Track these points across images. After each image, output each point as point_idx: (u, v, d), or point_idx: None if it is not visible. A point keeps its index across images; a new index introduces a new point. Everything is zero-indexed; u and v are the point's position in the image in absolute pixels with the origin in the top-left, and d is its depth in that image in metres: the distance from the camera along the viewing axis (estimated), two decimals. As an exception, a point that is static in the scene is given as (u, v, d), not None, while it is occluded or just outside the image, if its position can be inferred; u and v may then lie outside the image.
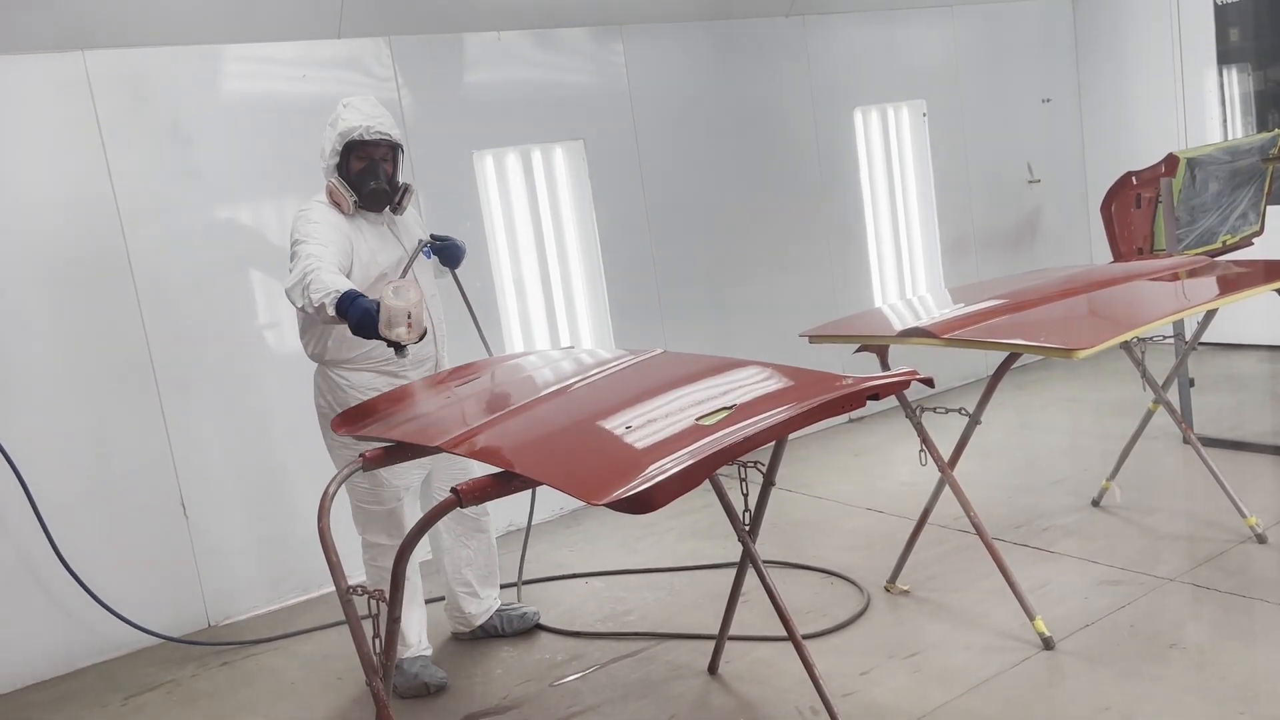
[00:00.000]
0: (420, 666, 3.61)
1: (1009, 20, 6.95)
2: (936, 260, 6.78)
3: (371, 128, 3.39)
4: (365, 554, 3.63)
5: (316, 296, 3.07)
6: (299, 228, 3.33)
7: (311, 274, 3.11)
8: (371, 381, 3.46)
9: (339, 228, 3.37)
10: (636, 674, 3.52)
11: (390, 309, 2.91)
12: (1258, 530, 3.87)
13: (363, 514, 3.58)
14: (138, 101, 4.23)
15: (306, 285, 3.10)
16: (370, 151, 3.42)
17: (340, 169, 3.42)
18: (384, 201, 3.49)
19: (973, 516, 3.46)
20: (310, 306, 3.10)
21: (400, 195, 3.53)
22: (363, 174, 3.42)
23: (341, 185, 3.41)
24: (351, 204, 3.41)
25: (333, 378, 3.49)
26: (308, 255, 3.19)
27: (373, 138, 3.39)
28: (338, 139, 3.39)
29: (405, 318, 2.91)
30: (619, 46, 5.44)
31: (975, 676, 3.19)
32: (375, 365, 3.47)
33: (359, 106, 3.44)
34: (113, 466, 4.23)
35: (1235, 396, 5.74)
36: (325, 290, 3.06)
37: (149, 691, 3.90)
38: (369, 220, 3.50)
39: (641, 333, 5.49)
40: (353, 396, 3.45)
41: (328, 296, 3.04)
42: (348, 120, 3.39)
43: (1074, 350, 3.01)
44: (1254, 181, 4.99)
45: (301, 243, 3.26)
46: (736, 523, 3.02)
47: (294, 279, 3.16)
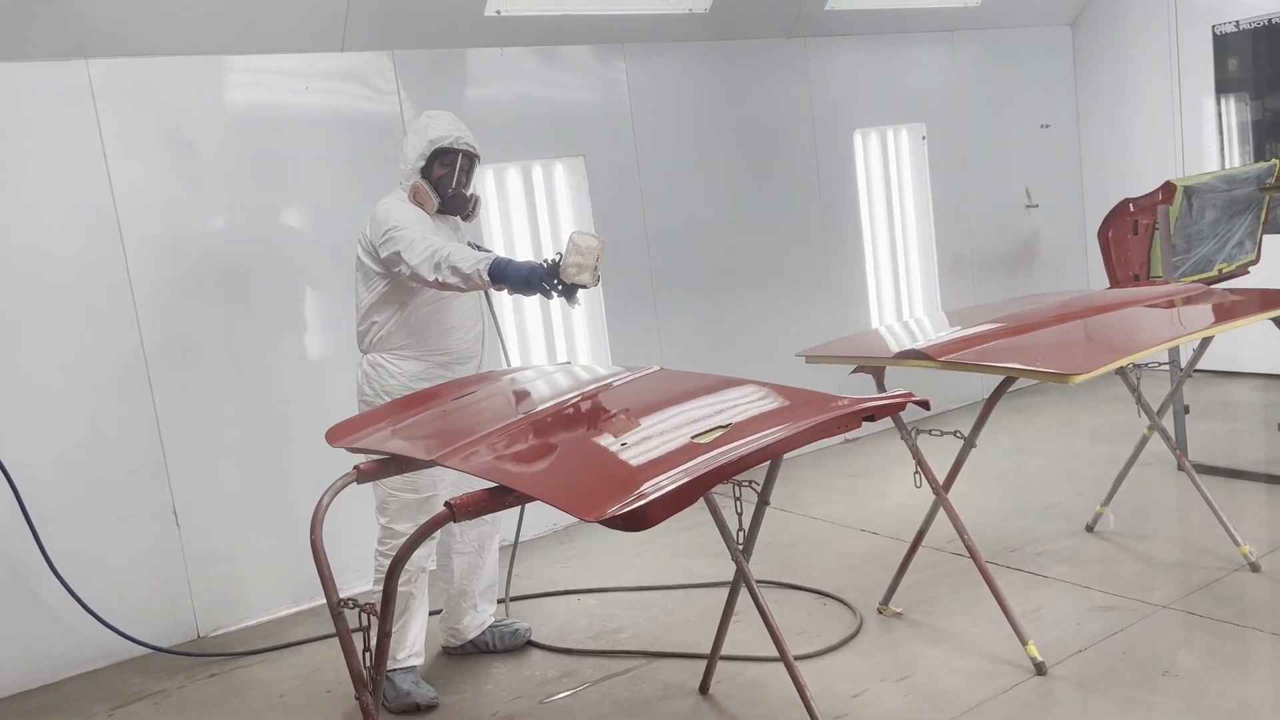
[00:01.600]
0: (412, 683, 3.58)
1: (1009, 46, 6.99)
2: (934, 282, 6.79)
3: (461, 138, 3.61)
4: (383, 544, 3.60)
5: (467, 265, 3.24)
6: (394, 216, 3.47)
7: (444, 249, 3.29)
8: (424, 372, 3.59)
9: (426, 221, 3.56)
10: (628, 692, 3.50)
11: (580, 249, 3.05)
12: (1251, 558, 3.87)
13: (393, 502, 3.56)
14: (140, 110, 4.24)
15: (445, 257, 3.27)
16: (453, 160, 3.62)
17: (424, 173, 3.60)
18: (461, 207, 3.68)
19: (967, 540, 3.46)
20: (454, 275, 3.26)
21: (473, 204, 3.72)
22: (444, 179, 3.62)
23: (428, 187, 3.59)
24: (435, 205, 3.59)
25: (384, 364, 3.60)
26: (421, 238, 3.36)
27: (461, 147, 3.61)
28: (427, 145, 3.58)
29: (594, 261, 3.07)
30: (621, 65, 5.47)
31: (967, 700, 3.18)
32: (429, 353, 3.61)
33: (445, 118, 3.65)
34: (105, 474, 4.22)
35: (1230, 424, 5.75)
36: (475, 259, 3.26)
37: (136, 702, 3.88)
38: (442, 223, 3.67)
39: (638, 349, 5.49)
40: (400, 384, 3.56)
41: (481, 263, 3.23)
42: (437, 129, 3.60)
43: (1070, 375, 3.02)
44: (1251, 210, 5.01)
45: (403, 228, 3.41)
46: (730, 542, 3.02)
47: (422, 256, 3.30)
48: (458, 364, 3.67)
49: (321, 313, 4.65)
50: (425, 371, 3.59)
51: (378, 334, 3.60)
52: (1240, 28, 6.44)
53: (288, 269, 4.57)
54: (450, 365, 3.65)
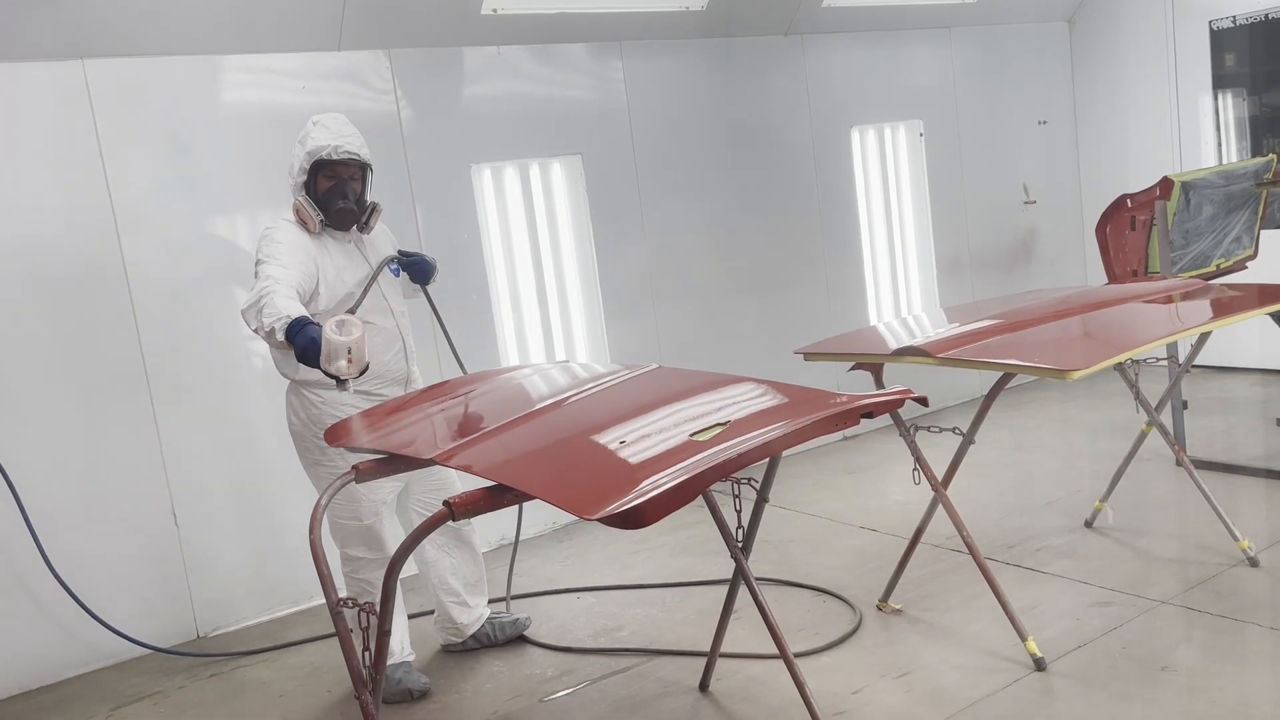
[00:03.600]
0: (404, 672, 3.62)
1: (1006, 42, 6.99)
2: (932, 279, 6.79)
3: (340, 147, 3.36)
4: (345, 567, 3.61)
5: (268, 320, 3.03)
6: (263, 247, 3.31)
7: (267, 297, 3.07)
8: (344, 399, 3.40)
9: (304, 248, 3.35)
10: (627, 690, 3.50)
11: (331, 344, 2.88)
12: (1250, 553, 3.87)
13: (341, 529, 3.56)
14: (136, 110, 4.24)
15: (260, 308, 3.07)
16: (338, 171, 3.40)
17: (308, 187, 3.41)
18: (350, 221, 3.47)
19: (965, 536, 3.46)
20: (262, 330, 3.07)
21: (368, 215, 3.51)
22: (330, 193, 3.40)
23: (308, 204, 3.40)
24: (318, 223, 3.40)
25: (307, 396, 3.47)
26: (266, 277, 3.16)
27: (341, 157, 3.37)
28: (305, 157, 3.37)
29: (346, 353, 2.88)
30: (618, 63, 5.47)
31: (967, 697, 3.18)
32: None
33: (328, 125, 3.41)
34: (104, 476, 4.21)
35: (1228, 419, 5.75)
36: (277, 315, 3.02)
37: (136, 702, 3.88)
38: (336, 239, 3.49)
39: (637, 347, 5.49)
40: (327, 414, 3.42)
41: (278, 321, 3.01)
42: (316, 139, 3.37)
43: (1068, 371, 3.02)
44: (1248, 206, 5.01)
45: (263, 263, 3.24)
46: (729, 539, 3.02)
47: (250, 300, 3.13)
48: (383, 386, 3.51)
49: (319, 312, 4.64)
50: (348, 398, 3.37)
51: (286, 364, 3.42)
52: (1237, 23, 6.44)
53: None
54: (374, 389, 3.48)
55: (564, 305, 5.49)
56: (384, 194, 3.84)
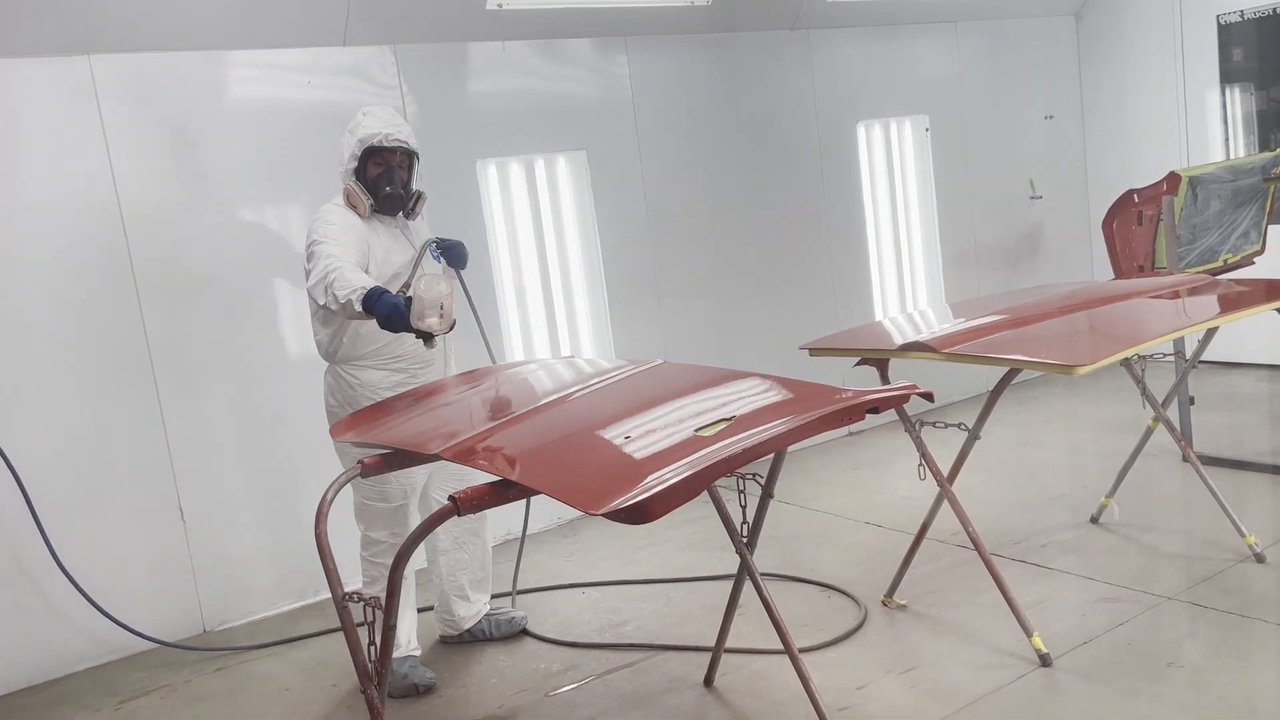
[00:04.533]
0: (409, 667, 3.64)
1: (1012, 36, 6.97)
2: (938, 274, 6.78)
3: (390, 135, 3.50)
4: (365, 550, 3.65)
5: (343, 293, 3.14)
6: (317, 229, 3.42)
7: (334, 272, 3.20)
8: (382, 380, 3.54)
9: (356, 229, 3.48)
10: (632, 685, 3.51)
11: (423, 299, 3.00)
12: (1256, 549, 3.86)
13: (368, 510, 3.61)
14: (143, 106, 4.24)
15: (330, 283, 3.18)
16: (387, 158, 3.53)
17: (358, 173, 3.53)
18: (398, 206, 3.59)
19: (971, 532, 3.46)
20: (335, 303, 3.18)
21: (414, 201, 3.63)
22: (379, 179, 3.53)
23: (359, 189, 3.52)
24: (368, 207, 3.52)
25: (343, 376, 3.56)
26: (328, 255, 3.28)
27: (391, 144, 3.51)
28: (357, 144, 3.50)
29: (438, 308, 3.01)
30: (623, 58, 5.46)
31: (972, 693, 3.18)
32: (386, 364, 3.55)
33: (378, 114, 3.56)
34: (110, 469, 4.23)
35: (1235, 415, 5.73)
36: (351, 287, 3.14)
37: (143, 696, 3.89)
38: (383, 223, 3.60)
39: (642, 343, 5.49)
40: (362, 395, 3.52)
41: (354, 293, 3.13)
42: (367, 127, 3.51)
43: (1074, 367, 3.01)
44: (1255, 200, 4.99)
45: (320, 243, 3.35)
46: (734, 535, 3.02)
47: (316, 277, 3.24)
48: (419, 369, 3.60)
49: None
50: (385, 380, 3.53)
51: (331, 346, 3.55)
52: (1245, 17, 6.41)
53: (292, 264, 4.56)
54: (411, 370, 3.58)
55: (569, 300, 5.49)
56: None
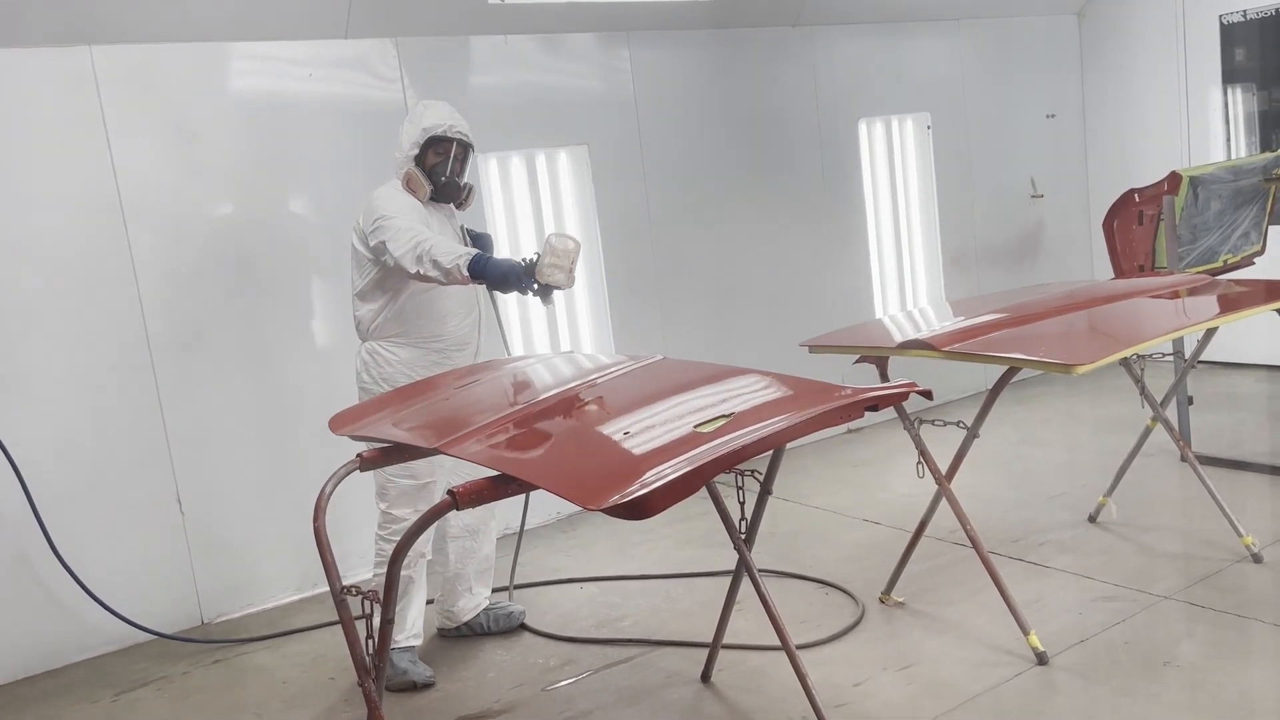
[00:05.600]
0: (409, 662, 3.64)
1: (1015, 35, 6.96)
2: (938, 272, 6.78)
3: (454, 126, 3.62)
4: (383, 529, 3.65)
5: (447, 259, 3.24)
6: (384, 205, 3.49)
7: (426, 241, 3.30)
8: (420, 359, 3.63)
9: (418, 210, 3.58)
10: (629, 680, 3.51)
11: (555, 251, 3.10)
12: (1254, 549, 3.87)
13: (392, 487, 3.61)
14: (143, 97, 4.24)
15: (428, 250, 3.27)
16: (446, 148, 3.64)
17: (417, 161, 3.61)
18: (454, 195, 3.70)
19: (969, 530, 3.46)
20: (434, 269, 3.27)
21: (467, 193, 3.74)
22: (437, 167, 3.64)
23: (421, 175, 3.61)
24: (428, 193, 3.61)
25: (381, 352, 3.63)
26: (408, 228, 3.38)
27: (454, 135, 3.62)
28: (420, 133, 3.60)
29: (569, 263, 3.11)
30: (625, 53, 5.45)
31: (968, 690, 3.18)
32: (423, 342, 3.64)
33: (439, 107, 3.68)
34: (110, 461, 4.23)
35: (1233, 415, 5.74)
36: (456, 253, 3.25)
37: (140, 688, 3.90)
38: (436, 210, 3.69)
39: (641, 338, 5.49)
40: (400, 372, 3.59)
41: (460, 258, 3.23)
42: (431, 117, 3.62)
43: (1073, 366, 3.01)
44: (1256, 201, 4.99)
45: (392, 217, 3.43)
46: (733, 531, 3.02)
47: (405, 247, 3.31)
48: (455, 350, 3.69)
49: (325, 300, 4.65)
50: (422, 358, 3.63)
51: (373, 322, 3.63)
52: (1248, 17, 6.40)
53: (291, 257, 4.57)
54: (447, 352, 3.67)
55: (569, 295, 5.48)
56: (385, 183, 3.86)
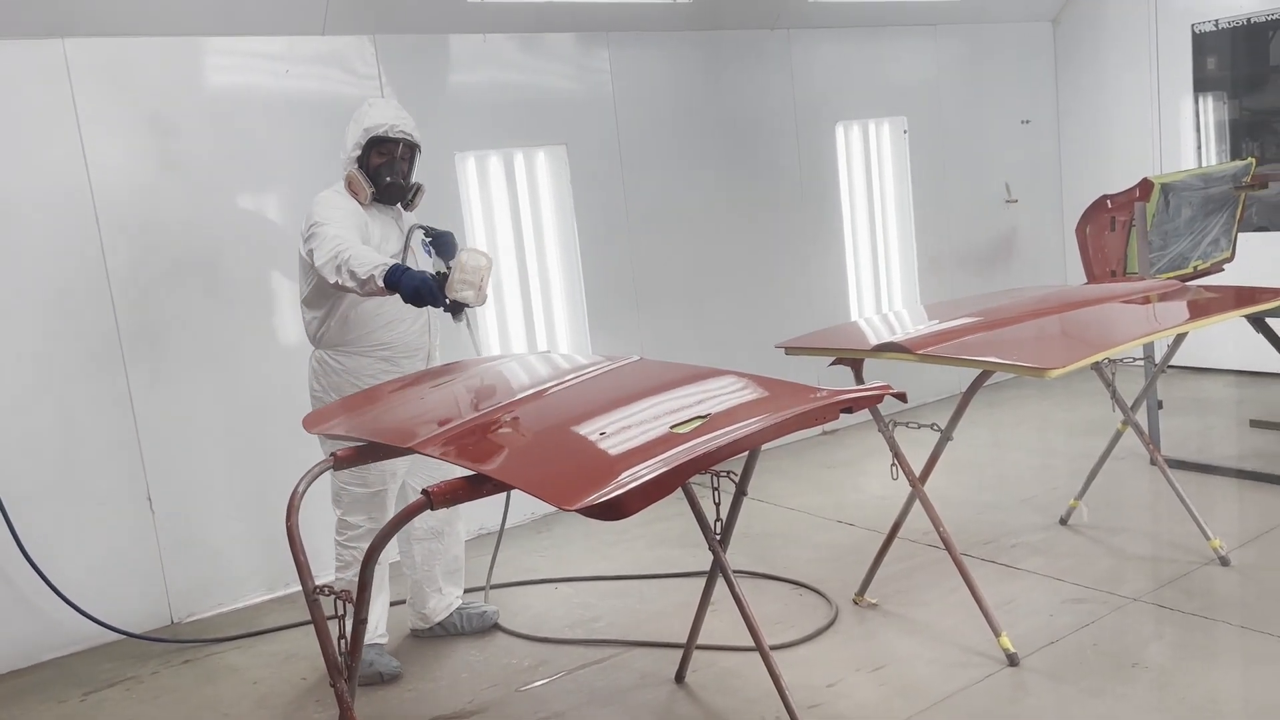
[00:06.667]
0: (375, 654, 3.64)
1: (990, 41, 7.02)
2: (913, 275, 6.82)
3: (396, 126, 3.54)
4: (340, 535, 3.64)
5: (363, 270, 3.15)
6: (320, 211, 3.43)
7: (347, 250, 3.21)
8: (367, 367, 3.57)
9: (356, 214, 3.51)
10: (603, 681, 3.51)
11: (465, 268, 3.04)
12: (1221, 553, 3.92)
13: (345, 494, 3.61)
14: (117, 91, 4.19)
15: (346, 260, 3.19)
16: (391, 148, 3.57)
17: (360, 162, 3.55)
18: (398, 196, 3.63)
19: (942, 532, 3.48)
20: (352, 280, 3.18)
21: (414, 193, 3.68)
22: (381, 169, 3.57)
23: (362, 176, 3.55)
24: (369, 195, 3.55)
25: (329, 361, 3.58)
26: (334, 236, 3.30)
27: (396, 135, 3.55)
28: (362, 133, 3.53)
29: (479, 280, 3.05)
30: (604, 53, 5.45)
31: (940, 691, 3.21)
32: (371, 349, 3.58)
33: (384, 106, 3.63)
34: (78, 458, 4.18)
35: (1202, 420, 5.81)
36: (372, 264, 3.15)
37: (109, 688, 3.85)
38: (380, 212, 3.64)
39: (619, 339, 5.49)
40: (347, 381, 3.54)
41: (376, 269, 3.13)
42: (373, 117, 3.55)
43: (1046, 369, 3.04)
44: (1226, 208, 5.06)
45: (324, 225, 3.36)
46: (708, 532, 3.02)
47: (326, 256, 3.24)
48: (404, 358, 3.62)
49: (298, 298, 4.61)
50: (370, 366, 3.56)
51: (319, 330, 3.59)
52: (1219, 27, 6.49)
53: (265, 253, 4.54)
54: (395, 359, 3.61)
55: (546, 295, 5.48)
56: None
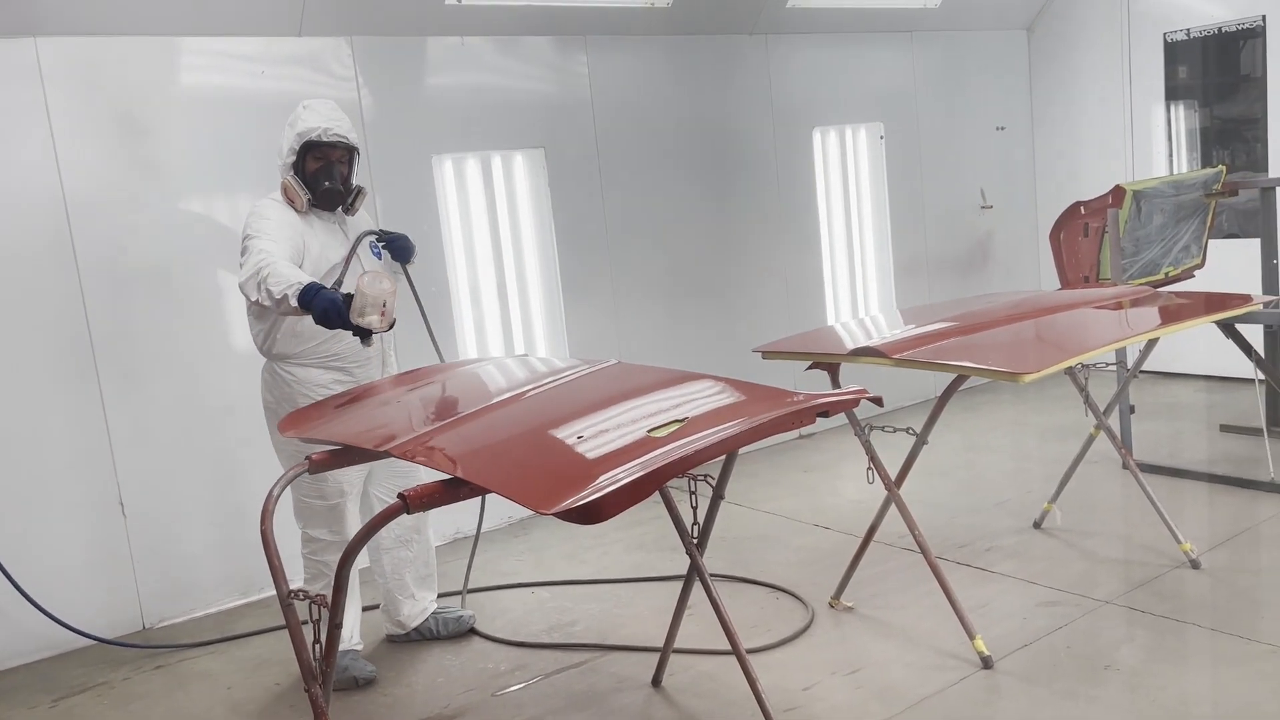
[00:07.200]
0: (350, 659, 3.62)
1: (966, 48, 7.08)
2: (889, 280, 6.86)
3: (330, 130, 3.46)
4: (305, 548, 3.63)
5: (278, 289, 3.07)
6: (251, 224, 3.36)
7: (267, 268, 3.13)
8: (318, 378, 3.50)
9: (291, 224, 3.43)
10: (580, 685, 3.50)
11: (365, 295, 2.94)
12: (1192, 556, 3.96)
13: (305, 508, 3.58)
14: (89, 91, 4.15)
15: (264, 279, 3.11)
16: (327, 153, 3.48)
17: (296, 168, 3.48)
18: (337, 202, 3.55)
19: (917, 535, 3.50)
20: (269, 299, 3.10)
21: (353, 197, 3.59)
22: (318, 174, 3.48)
23: (296, 183, 3.47)
24: (305, 202, 3.47)
25: (279, 373, 3.52)
26: (260, 250, 3.21)
27: (330, 139, 3.46)
28: (296, 139, 3.45)
29: (380, 305, 2.95)
30: (582, 57, 5.45)
31: (915, 694, 3.22)
32: (323, 361, 3.50)
33: (318, 108, 3.51)
34: (50, 463, 4.13)
35: (1174, 424, 5.87)
36: (287, 282, 3.07)
37: (80, 694, 3.81)
38: (321, 218, 3.55)
39: (596, 343, 5.49)
40: (299, 392, 3.48)
41: (290, 288, 3.05)
42: (306, 121, 3.46)
43: (1020, 374, 3.06)
44: (1197, 215, 5.12)
45: (253, 238, 3.29)
46: (685, 536, 3.03)
47: (248, 273, 3.17)
48: (356, 368, 3.57)
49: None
50: (320, 377, 3.50)
51: (265, 341, 3.51)
52: (1191, 36, 6.57)
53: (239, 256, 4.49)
54: (349, 369, 3.55)
55: (524, 299, 5.47)
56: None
